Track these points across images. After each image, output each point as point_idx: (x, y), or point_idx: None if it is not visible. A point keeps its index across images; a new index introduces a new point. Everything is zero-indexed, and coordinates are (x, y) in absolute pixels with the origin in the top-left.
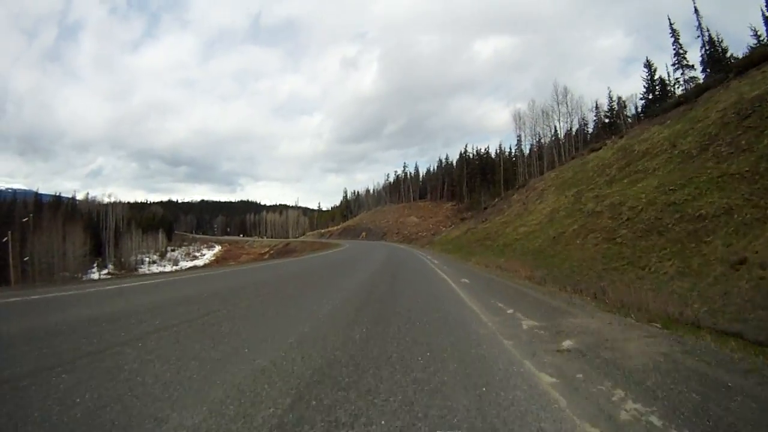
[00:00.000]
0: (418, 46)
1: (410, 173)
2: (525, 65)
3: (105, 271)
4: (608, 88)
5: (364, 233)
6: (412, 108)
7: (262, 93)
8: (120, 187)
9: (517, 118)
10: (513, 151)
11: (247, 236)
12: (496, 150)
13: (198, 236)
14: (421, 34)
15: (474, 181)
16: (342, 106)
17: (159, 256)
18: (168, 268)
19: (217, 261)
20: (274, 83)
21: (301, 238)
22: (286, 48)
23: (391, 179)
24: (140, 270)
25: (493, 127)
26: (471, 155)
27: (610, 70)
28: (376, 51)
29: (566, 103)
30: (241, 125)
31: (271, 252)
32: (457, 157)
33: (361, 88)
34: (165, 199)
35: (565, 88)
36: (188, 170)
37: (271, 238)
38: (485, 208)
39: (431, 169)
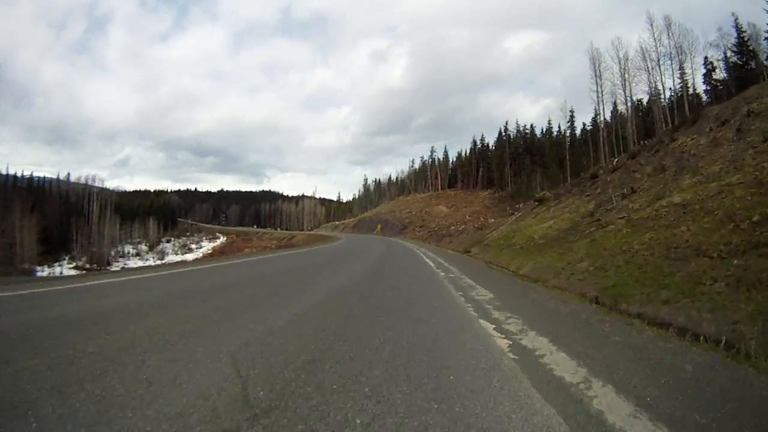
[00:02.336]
0: (448, 41)
1: (438, 159)
2: (555, 61)
3: (71, 266)
4: (733, 14)
5: (379, 226)
6: (441, 102)
7: (290, 85)
8: (147, 176)
9: (595, 62)
10: (563, 127)
11: (261, 227)
12: (543, 129)
13: (207, 226)
14: (452, 28)
15: (520, 164)
16: (370, 99)
17: (148, 247)
18: (151, 262)
19: (213, 254)
20: (303, 76)
21: (314, 231)
22: (316, 41)
23: (417, 166)
24: (114, 265)
25: (522, 123)
26: (512, 134)
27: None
28: (405, 45)
29: (671, 37)
30: (268, 117)
31: (272, 246)
32: (495, 138)
33: (389, 82)
34: (192, 188)
35: (666, 17)
36: (215, 161)
37: (286, 230)
38: (594, 177)
39: (463, 154)
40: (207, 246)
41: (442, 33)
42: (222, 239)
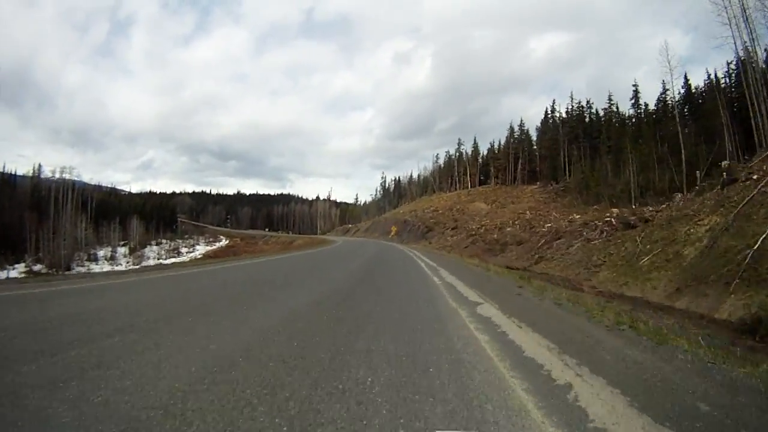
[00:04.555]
0: (472, 42)
1: (467, 152)
2: (580, 63)
3: (26, 270)
4: None
5: (393, 228)
6: (464, 105)
7: (313, 88)
8: (170, 179)
9: None
10: (622, 108)
11: (274, 230)
12: (596, 110)
13: (212, 228)
14: (476, 29)
15: (581, 149)
16: (393, 102)
17: (129, 250)
18: (122, 267)
19: (203, 258)
20: (326, 78)
21: (326, 235)
22: (339, 43)
23: (442, 161)
24: (76, 269)
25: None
26: (560, 116)
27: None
28: (429, 47)
29: None
30: (291, 120)
31: (270, 250)
32: (539, 123)
33: (413, 85)
34: (208, 191)
35: None
36: (237, 165)
37: (299, 233)
38: None
39: (496, 146)
40: (201, 249)
41: (467, 33)
42: (223, 242)
